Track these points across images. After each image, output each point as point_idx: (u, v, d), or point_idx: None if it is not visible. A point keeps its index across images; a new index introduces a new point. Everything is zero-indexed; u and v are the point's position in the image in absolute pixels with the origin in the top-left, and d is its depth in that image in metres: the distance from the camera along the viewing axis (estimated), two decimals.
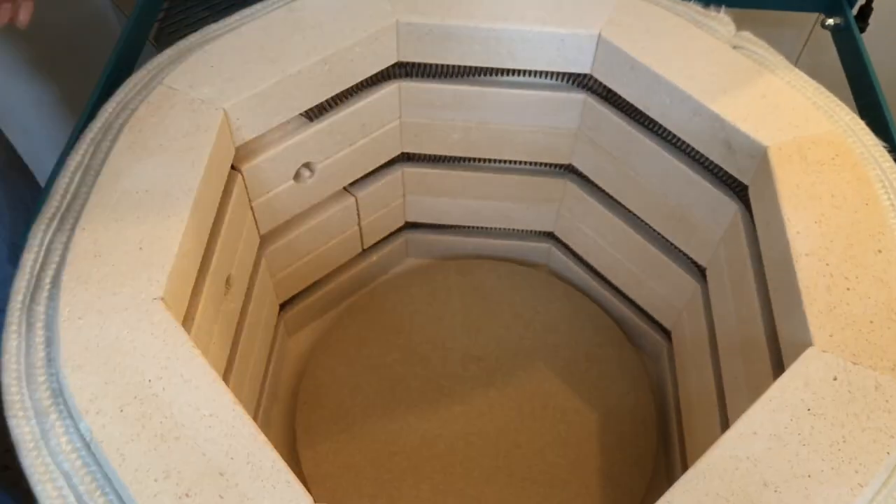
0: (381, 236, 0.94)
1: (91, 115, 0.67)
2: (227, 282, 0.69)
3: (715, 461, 0.47)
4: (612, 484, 0.79)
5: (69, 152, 0.63)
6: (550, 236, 0.96)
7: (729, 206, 0.70)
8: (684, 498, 0.46)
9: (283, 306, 0.89)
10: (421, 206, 0.93)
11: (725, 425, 0.69)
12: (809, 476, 0.46)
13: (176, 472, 0.45)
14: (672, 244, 0.79)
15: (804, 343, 0.52)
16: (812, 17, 1.09)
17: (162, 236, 0.56)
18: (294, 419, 0.84)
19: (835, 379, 0.50)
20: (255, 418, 0.80)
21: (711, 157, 0.69)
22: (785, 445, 0.48)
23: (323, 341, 0.89)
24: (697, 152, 0.70)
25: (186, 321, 0.58)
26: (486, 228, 0.96)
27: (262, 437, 0.48)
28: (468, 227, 0.96)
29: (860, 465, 0.46)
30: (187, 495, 0.44)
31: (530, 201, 0.90)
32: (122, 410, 0.48)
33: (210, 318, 0.64)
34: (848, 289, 0.54)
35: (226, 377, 0.70)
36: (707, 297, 0.77)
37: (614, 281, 0.90)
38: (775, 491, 0.46)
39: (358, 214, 0.87)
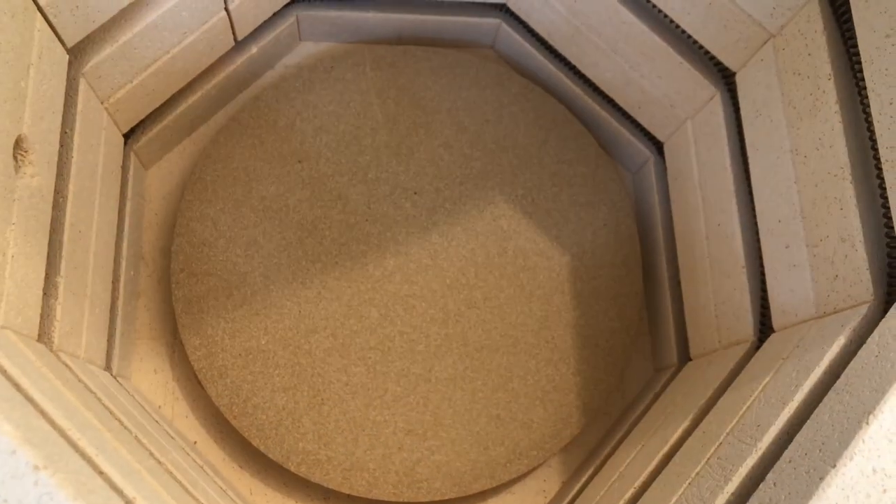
0: (262, 19, 0.65)
1: None
2: (19, 147, 0.42)
3: (851, 480, 0.30)
4: (589, 346, 0.64)
5: None
6: (501, 9, 0.69)
7: None
8: None
9: (129, 135, 0.62)
10: None
11: (759, 296, 0.52)
12: None
13: None
14: (687, 36, 0.56)
15: None
16: None
17: None
18: (170, 294, 0.62)
19: None
20: (113, 301, 0.58)
21: None
22: None
23: (197, 179, 0.64)
24: None
25: None
26: (410, 0, 0.68)
27: None
28: None
29: None
30: None
31: None
32: None
33: None
34: None
35: (50, 289, 0.46)
36: (733, 109, 0.56)
37: (590, 75, 0.67)
38: None
39: None
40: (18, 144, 0.42)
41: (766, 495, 0.33)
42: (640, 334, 0.68)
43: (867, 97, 0.41)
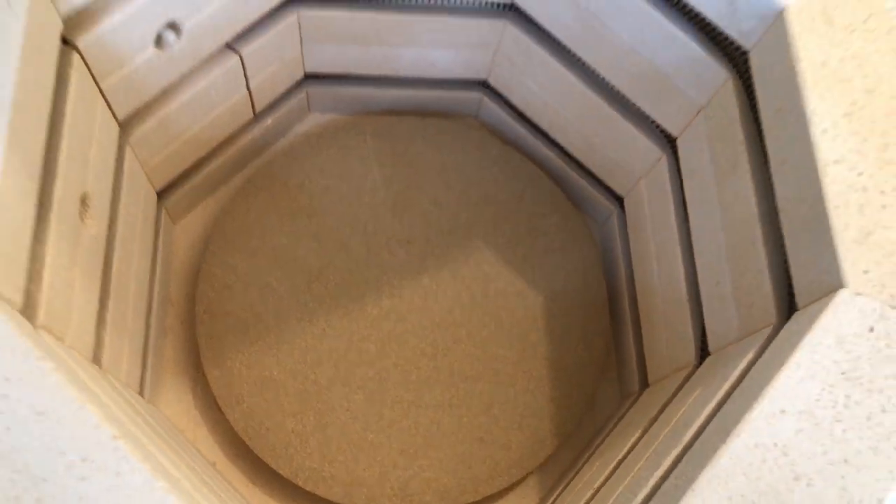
0: (277, 95, 0.76)
1: None
2: (83, 202, 0.52)
3: (738, 453, 0.39)
4: (562, 377, 0.72)
5: None
6: (483, 85, 0.80)
7: (717, 74, 0.57)
8: None
9: (161, 193, 0.72)
10: (324, 56, 0.74)
11: (699, 327, 0.61)
12: (846, 461, 0.39)
13: None
14: (637, 108, 0.66)
15: (832, 283, 0.43)
16: None
17: None
18: (195, 331, 0.71)
19: (871, 330, 0.42)
20: (146, 337, 0.66)
21: (702, 12, 0.54)
22: (817, 424, 0.40)
23: (218, 232, 0.74)
24: (685, 4, 0.55)
25: (32, 290, 0.42)
26: (404, 78, 0.79)
27: (161, 486, 0.35)
28: (382, 77, 0.78)
29: None
30: None
31: (459, 47, 0.73)
32: None
33: (66, 263, 0.48)
34: (884, 206, 0.44)
35: (101, 321, 0.55)
36: (676, 171, 0.66)
37: (560, 140, 0.77)
38: (808, 485, 0.38)
39: (245, 76, 0.68)
40: (83, 200, 0.52)
41: (680, 470, 0.42)
42: (608, 366, 0.76)
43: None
